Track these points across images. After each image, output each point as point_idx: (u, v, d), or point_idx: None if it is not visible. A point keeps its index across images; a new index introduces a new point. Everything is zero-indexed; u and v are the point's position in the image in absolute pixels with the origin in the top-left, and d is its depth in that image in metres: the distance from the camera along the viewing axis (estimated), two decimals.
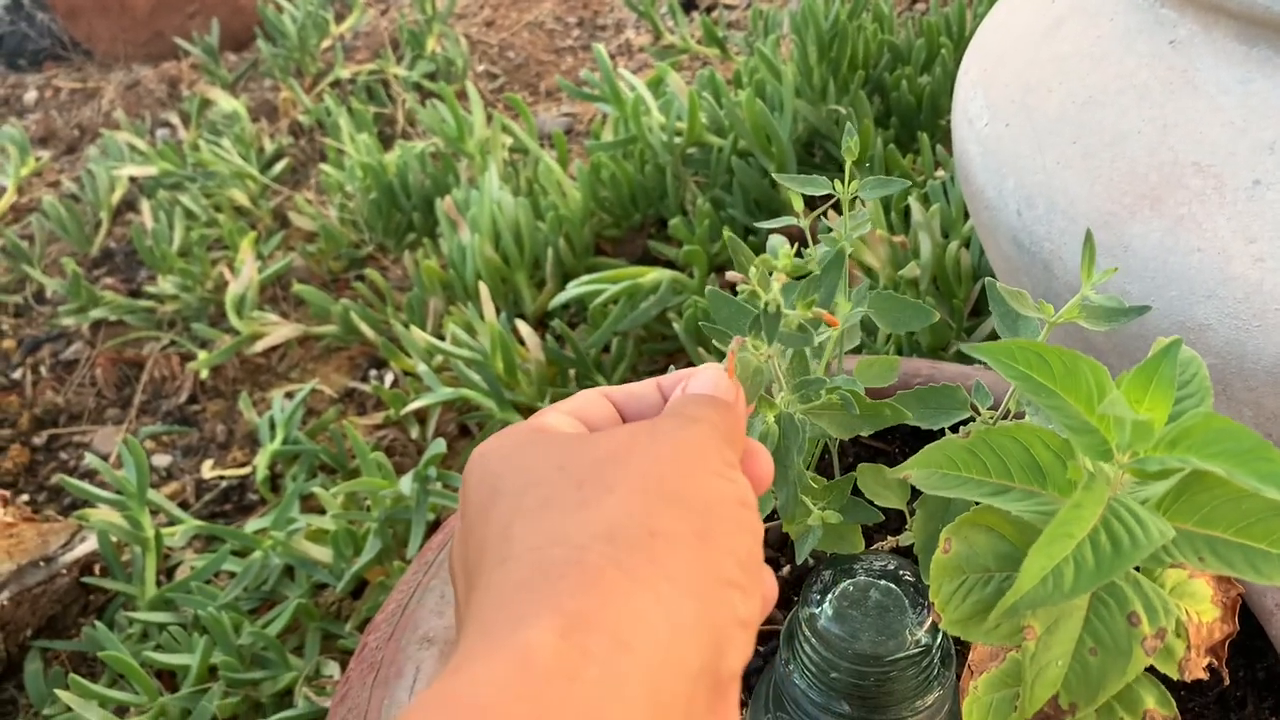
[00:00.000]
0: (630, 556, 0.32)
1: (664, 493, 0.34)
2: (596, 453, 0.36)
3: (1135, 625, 0.43)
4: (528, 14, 2.02)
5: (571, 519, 0.33)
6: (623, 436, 0.37)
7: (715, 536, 0.34)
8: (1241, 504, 0.42)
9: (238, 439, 1.38)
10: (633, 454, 0.35)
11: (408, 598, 0.71)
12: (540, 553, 0.32)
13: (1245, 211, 0.67)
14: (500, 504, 0.35)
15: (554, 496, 0.34)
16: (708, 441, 0.37)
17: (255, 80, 1.96)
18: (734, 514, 0.35)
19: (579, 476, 0.35)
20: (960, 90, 0.91)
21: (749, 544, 0.35)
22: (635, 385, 0.43)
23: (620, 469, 0.35)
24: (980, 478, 0.47)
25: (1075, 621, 0.44)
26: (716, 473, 0.36)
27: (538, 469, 0.36)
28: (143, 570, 1.11)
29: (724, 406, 0.40)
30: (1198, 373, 0.46)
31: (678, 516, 0.34)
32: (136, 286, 1.63)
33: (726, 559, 0.34)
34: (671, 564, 0.32)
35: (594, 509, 0.33)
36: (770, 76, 1.42)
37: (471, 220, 1.37)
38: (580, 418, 0.40)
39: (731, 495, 0.36)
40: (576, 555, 0.32)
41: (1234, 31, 0.70)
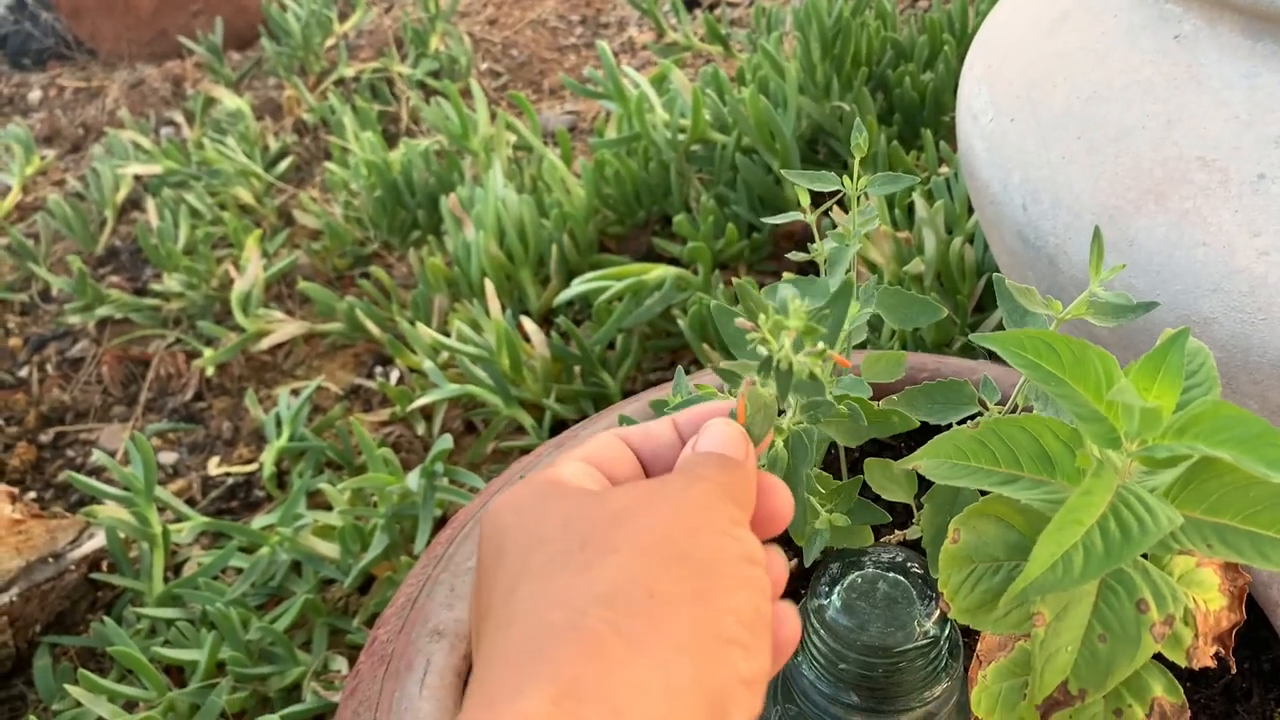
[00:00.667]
0: (629, 620, 0.32)
1: (666, 552, 0.34)
2: (603, 511, 0.36)
3: (1144, 612, 0.43)
4: (530, 12, 2.03)
5: (573, 581, 0.33)
6: (631, 494, 0.37)
7: (716, 594, 0.34)
8: (1249, 491, 0.43)
9: (244, 436, 1.38)
10: (638, 513, 0.36)
11: (417, 591, 0.71)
12: (540, 617, 0.33)
13: (1250, 205, 0.67)
14: (505, 563, 0.36)
15: (558, 557, 0.34)
16: (713, 500, 0.37)
17: (259, 79, 1.96)
18: (736, 571, 0.35)
19: (583, 536, 0.35)
20: (965, 86, 0.92)
21: (753, 600, 0.35)
22: (651, 425, 0.44)
23: (624, 528, 0.35)
24: (990, 467, 0.48)
25: (1084, 608, 0.44)
26: (720, 530, 0.36)
27: (545, 527, 0.36)
28: (150, 566, 1.12)
29: (733, 465, 0.40)
30: (1205, 363, 0.47)
31: (678, 577, 0.34)
32: (142, 284, 1.64)
33: (727, 617, 0.34)
34: (670, 626, 0.32)
35: (596, 570, 0.33)
36: (774, 73, 1.42)
37: (476, 218, 1.37)
38: (596, 464, 0.41)
39: (735, 552, 0.36)
40: (575, 620, 0.32)
41: (1239, 26, 0.70)
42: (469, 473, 1.04)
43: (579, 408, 1.23)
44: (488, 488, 0.79)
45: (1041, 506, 0.45)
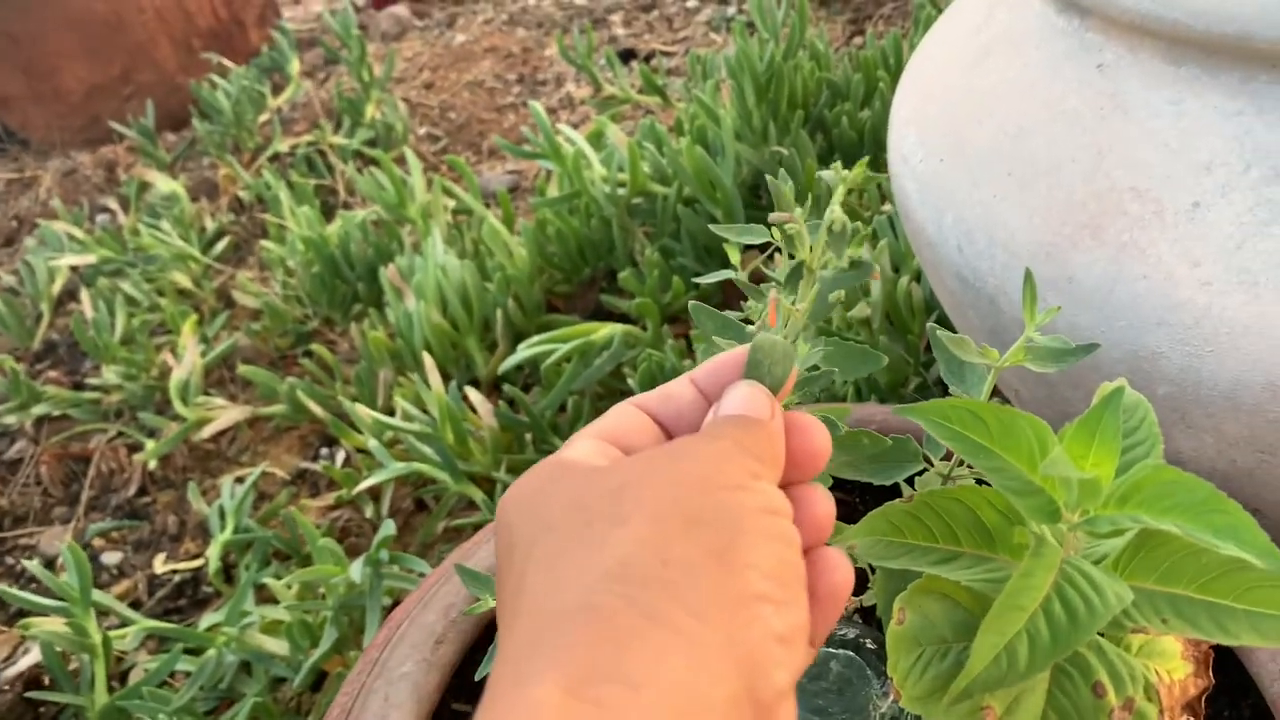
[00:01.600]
0: (643, 592, 0.30)
1: (678, 515, 0.32)
2: (610, 484, 0.33)
3: (1101, 696, 0.40)
4: (467, 74, 2.01)
5: (582, 562, 0.31)
6: (640, 462, 0.35)
7: (736, 551, 0.31)
8: (1201, 557, 0.40)
9: (190, 530, 1.33)
10: (646, 480, 0.33)
11: (352, 701, 0.67)
12: (549, 602, 0.30)
13: (1187, 235, 0.65)
14: (515, 556, 0.33)
15: (565, 540, 0.32)
16: (728, 455, 0.35)
17: (194, 159, 1.93)
18: (756, 524, 0.33)
19: (591, 513, 0.32)
20: (894, 129, 0.90)
21: (777, 552, 0.33)
22: (669, 386, 0.41)
23: (632, 497, 0.33)
24: (927, 544, 0.45)
25: (1038, 697, 0.41)
26: (736, 485, 0.34)
27: (551, 513, 0.33)
28: (91, 679, 1.07)
29: (755, 425, 0.37)
30: (1145, 417, 0.44)
31: (693, 539, 0.31)
32: (80, 378, 1.59)
33: (751, 573, 0.31)
34: (688, 592, 0.30)
35: (605, 547, 0.31)
36: (710, 122, 1.40)
37: (416, 287, 1.34)
38: (611, 438, 0.38)
39: (753, 505, 0.33)
40: (586, 599, 0.30)
41: (1160, 52, 0.68)
42: (414, 558, 1.00)
43: None
44: (422, 583, 0.75)
45: (983, 588, 0.42)
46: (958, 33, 0.88)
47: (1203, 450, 0.69)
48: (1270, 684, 0.58)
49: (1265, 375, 0.63)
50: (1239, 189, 0.64)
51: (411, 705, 0.64)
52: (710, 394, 0.40)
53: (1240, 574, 0.39)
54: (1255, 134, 0.64)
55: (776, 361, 0.40)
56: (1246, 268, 0.63)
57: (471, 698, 0.71)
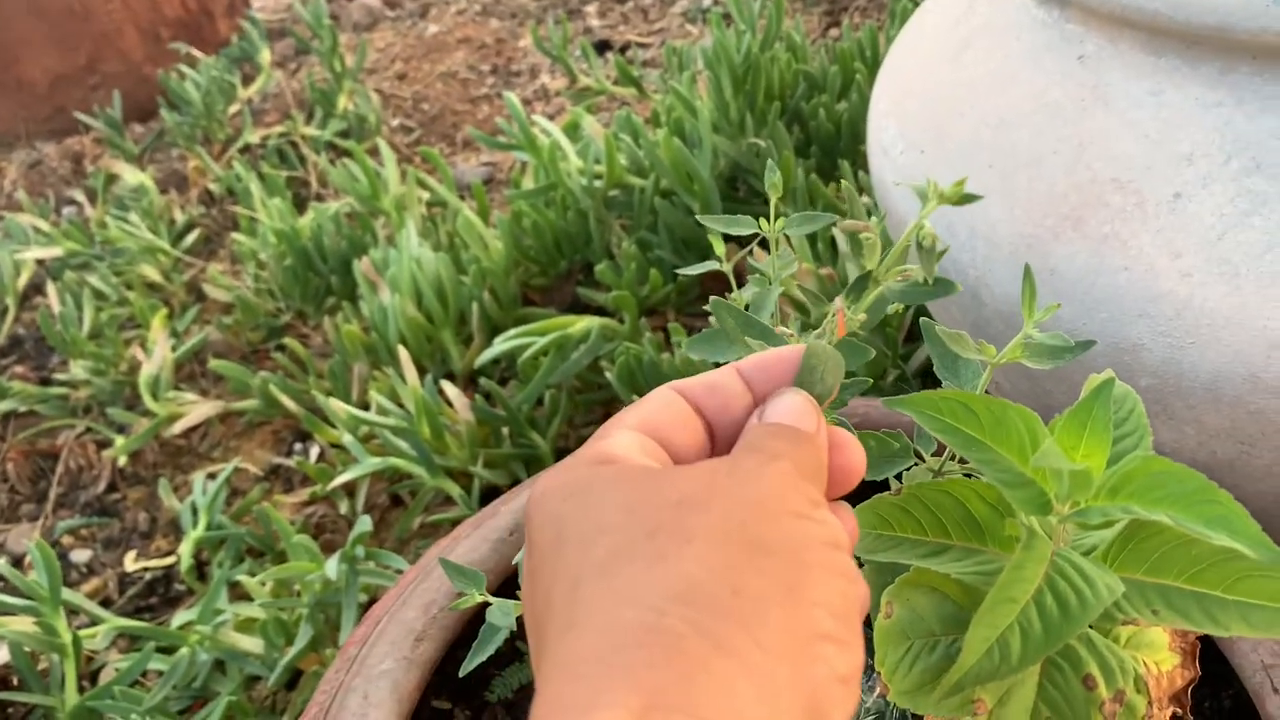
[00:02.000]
0: (713, 620, 0.29)
1: (746, 541, 0.31)
2: (671, 494, 0.32)
3: (1092, 689, 0.40)
4: (440, 64, 1.99)
5: (645, 576, 0.30)
6: (700, 476, 0.33)
7: (805, 588, 0.31)
8: (1191, 548, 0.39)
9: (161, 527, 1.31)
10: (711, 498, 0.32)
11: (330, 699, 0.66)
12: (612, 617, 0.29)
13: (1168, 226, 0.65)
14: (566, 554, 0.32)
15: (624, 547, 0.31)
16: (790, 480, 0.34)
17: (162, 150, 1.90)
18: (823, 559, 0.32)
19: (652, 523, 0.31)
20: (873, 121, 0.90)
21: (843, 589, 0.32)
22: (714, 375, 0.39)
23: (697, 515, 0.31)
24: (916, 537, 0.44)
25: (1029, 689, 0.41)
26: (801, 514, 0.33)
27: (605, 512, 0.32)
28: (61, 679, 1.05)
29: (805, 439, 0.36)
30: (1134, 409, 0.44)
31: (762, 570, 0.30)
32: (48, 374, 1.56)
33: (818, 611, 0.31)
34: (758, 626, 0.29)
35: (670, 564, 0.30)
36: (687, 114, 1.40)
37: (391, 280, 1.33)
38: (654, 431, 0.37)
39: (819, 537, 0.33)
40: (653, 620, 0.28)
41: (1140, 43, 0.68)
42: (392, 555, 0.99)
43: (509, 472, 1.19)
44: (401, 578, 0.74)
45: (973, 580, 0.41)
46: (938, 24, 0.87)
47: (1184, 442, 0.69)
48: (1252, 674, 0.59)
49: (1246, 367, 0.63)
50: (1219, 180, 0.64)
51: (391, 703, 0.63)
52: (756, 389, 0.39)
53: (1230, 564, 0.39)
54: (1235, 125, 0.64)
55: (829, 370, 0.39)
56: (1227, 259, 0.63)
57: (453, 695, 0.70)
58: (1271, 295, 0.62)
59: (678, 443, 0.37)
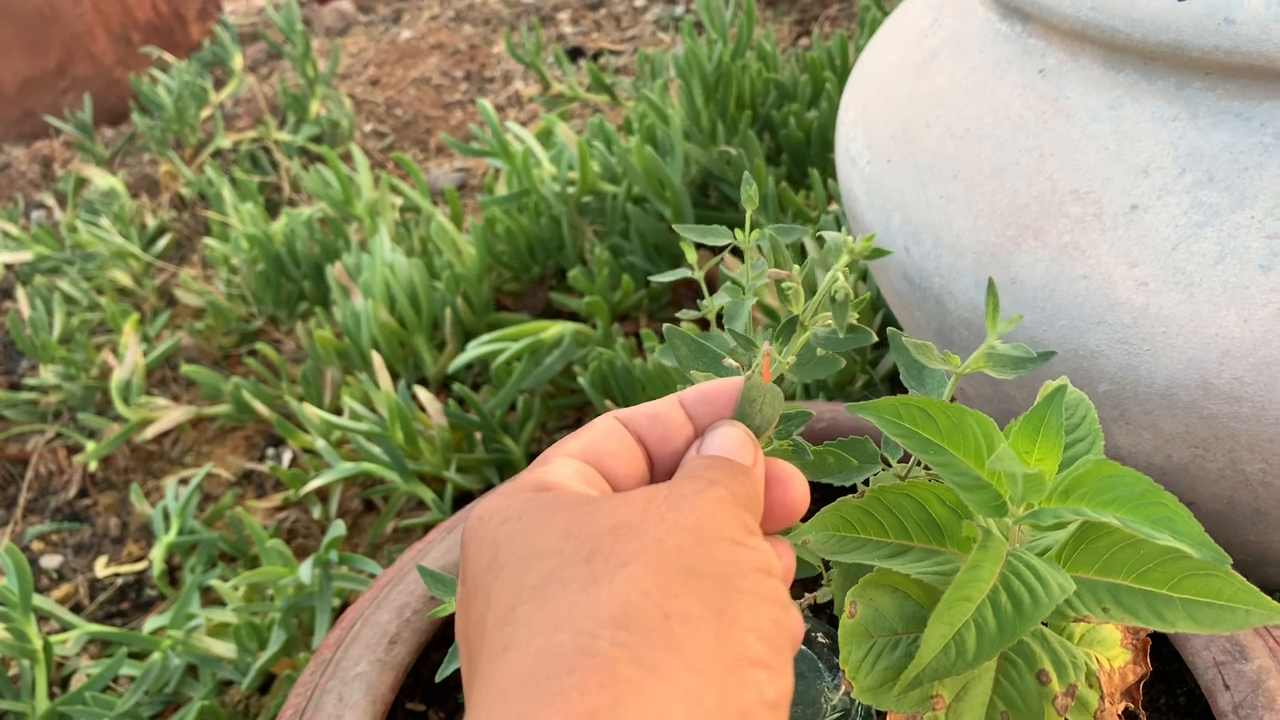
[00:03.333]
0: (645, 643, 0.29)
1: (680, 566, 0.32)
2: (608, 520, 0.33)
3: (1045, 684, 0.41)
4: (414, 70, 2.00)
5: (579, 600, 0.30)
6: (637, 501, 0.34)
7: (736, 612, 0.31)
8: (1140, 548, 0.41)
9: (132, 532, 1.31)
10: (647, 523, 0.33)
11: (305, 702, 0.67)
12: (546, 640, 0.30)
13: (1125, 236, 0.67)
14: (502, 578, 0.32)
15: (560, 571, 0.31)
16: (726, 507, 0.35)
17: (133, 155, 1.90)
18: (756, 585, 0.33)
19: (588, 548, 0.32)
20: (841, 130, 0.91)
21: (774, 615, 0.33)
22: (656, 405, 0.40)
23: (633, 539, 0.32)
24: (878, 538, 0.46)
25: (985, 684, 0.42)
26: (736, 540, 0.34)
27: (542, 537, 0.33)
28: (32, 685, 1.04)
29: (741, 470, 0.37)
30: (1087, 415, 0.45)
31: (696, 594, 0.31)
32: (17, 379, 1.55)
33: (749, 636, 0.31)
34: (690, 649, 0.30)
35: (604, 588, 0.31)
36: (659, 121, 1.41)
37: (364, 285, 1.33)
38: (595, 460, 0.38)
39: (753, 564, 0.33)
40: (586, 644, 0.29)
41: (1100, 58, 0.70)
42: (365, 559, 1.00)
43: (482, 477, 1.19)
44: (375, 582, 0.75)
45: (932, 580, 0.43)
46: (904, 36, 0.89)
47: (1140, 446, 0.71)
48: (1204, 671, 0.60)
49: (1199, 373, 0.65)
50: (1174, 192, 0.66)
51: (366, 705, 0.64)
52: (698, 420, 0.40)
53: (1175, 564, 0.40)
54: (1189, 139, 0.66)
55: (768, 403, 0.41)
56: (1181, 268, 0.65)
57: (427, 697, 0.71)
58: (1223, 304, 0.64)
59: (618, 472, 0.38)
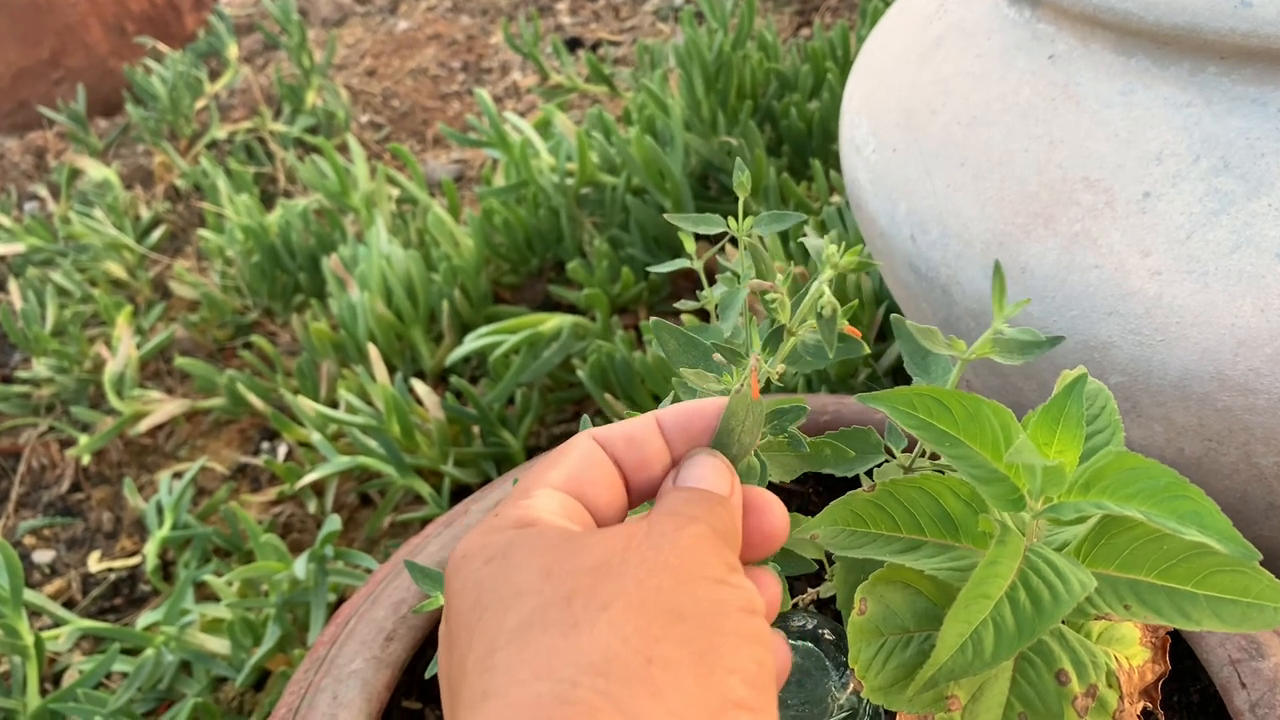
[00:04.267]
0: (626, 691, 0.29)
1: (661, 608, 0.31)
2: (589, 559, 0.32)
3: (1065, 684, 0.40)
4: (410, 61, 1.98)
5: (559, 645, 0.30)
6: (618, 540, 0.33)
7: (719, 655, 0.31)
8: (1163, 544, 0.40)
9: (126, 527, 1.29)
10: (627, 562, 0.32)
11: (298, 700, 0.65)
12: (525, 689, 0.29)
13: (1138, 225, 0.65)
14: (484, 621, 0.31)
15: (539, 613, 0.31)
16: (706, 544, 0.34)
17: (127, 146, 1.88)
18: (738, 626, 0.32)
19: (568, 588, 0.31)
20: (845, 118, 0.90)
21: (757, 656, 0.32)
22: (633, 427, 0.39)
23: (613, 581, 0.31)
24: (890, 533, 0.44)
25: (1002, 685, 0.41)
26: (718, 579, 0.33)
27: (523, 578, 0.32)
28: (23, 682, 1.03)
29: (718, 502, 0.37)
30: (1106, 405, 0.44)
31: (677, 637, 0.30)
32: (9, 371, 1.54)
33: (732, 679, 0.31)
34: (671, 695, 0.29)
35: (584, 633, 0.30)
36: (659, 111, 1.40)
37: (360, 277, 1.31)
38: (577, 490, 0.37)
39: (735, 603, 0.33)
40: (565, 693, 0.28)
41: (1111, 43, 0.69)
42: (361, 554, 0.98)
43: (480, 470, 1.18)
44: (371, 577, 0.73)
45: (947, 576, 0.41)
46: (909, 23, 0.88)
47: (1152, 439, 0.69)
48: (1219, 669, 0.59)
49: (1214, 364, 0.64)
50: (1188, 179, 0.64)
51: (361, 703, 0.63)
52: (675, 443, 0.40)
53: (1201, 560, 0.39)
54: (1204, 125, 0.64)
55: (747, 431, 0.40)
56: (1196, 257, 0.63)
57: (423, 695, 0.70)
58: (1238, 293, 0.62)
59: (600, 501, 0.38)
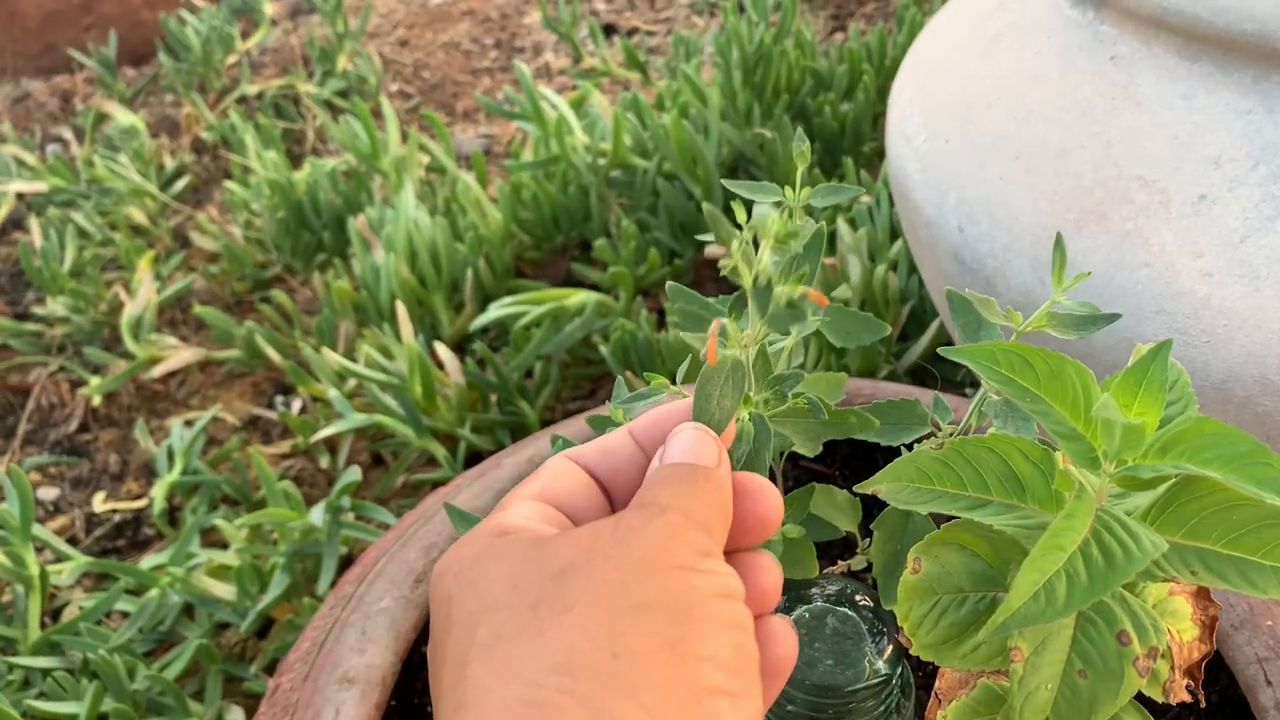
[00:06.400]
0: (592, 688, 0.28)
1: (628, 602, 0.30)
2: (554, 563, 0.32)
3: (1126, 645, 0.40)
4: (443, 34, 1.98)
5: (526, 650, 0.29)
6: (583, 540, 0.32)
7: (690, 642, 0.30)
8: (1233, 514, 0.40)
9: (133, 470, 1.29)
10: (592, 561, 0.31)
11: (324, 635, 0.65)
12: (493, 696, 0.29)
13: (1192, 226, 0.66)
14: (455, 634, 0.31)
15: (508, 624, 0.30)
16: (676, 532, 0.33)
17: (155, 95, 1.88)
18: (711, 611, 0.31)
19: (534, 596, 0.31)
20: (895, 108, 0.90)
21: (734, 640, 0.31)
22: (606, 439, 0.38)
23: (578, 581, 0.31)
24: (955, 491, 0.45)
25: (1063, 642, 0.41)
26: (687, 566, 0.32)
27: (492, 590, 0.32)
28: (25, 611, 1.03)
29: (702, 476, 0.35)
30: (1180, 378, 0.44)
31: (645, 629, 0.30)
32: (23, 309, 1.53)
33: (705, 665, 0.30)
34: (642, 688, 0.29)
35: (550, 636, 0.30)
36: (695, 99, 1.40)
37: (386, 239, 1.31)
38: (552, 499, 0.36)
39: (707, 589, 0.32)
40: (531, 695, 0.28)
41: (1175, 47, 0.70)
42: (377, 507, 0.98)
43: (495, 438, 1.18)
44: (400, 522, 0.73)
45: (1014, 532, 0.42)
46: (966, 19, 0.88)
47: None
48: (1245, 666, 0.60)
49: (1258, 368, 0.64)
50: (1246, 184, 0.65)
51: (389, 640, 0.63)
52: (649, 447, 0.38)
53: (1270, 530, 0.39)
54: (1265, 133, 0.65)
55: (726, 393, 0.39)
56: (1249, 261, 0.64)
57: None
58: None
59: (578, 507, 0.37)
